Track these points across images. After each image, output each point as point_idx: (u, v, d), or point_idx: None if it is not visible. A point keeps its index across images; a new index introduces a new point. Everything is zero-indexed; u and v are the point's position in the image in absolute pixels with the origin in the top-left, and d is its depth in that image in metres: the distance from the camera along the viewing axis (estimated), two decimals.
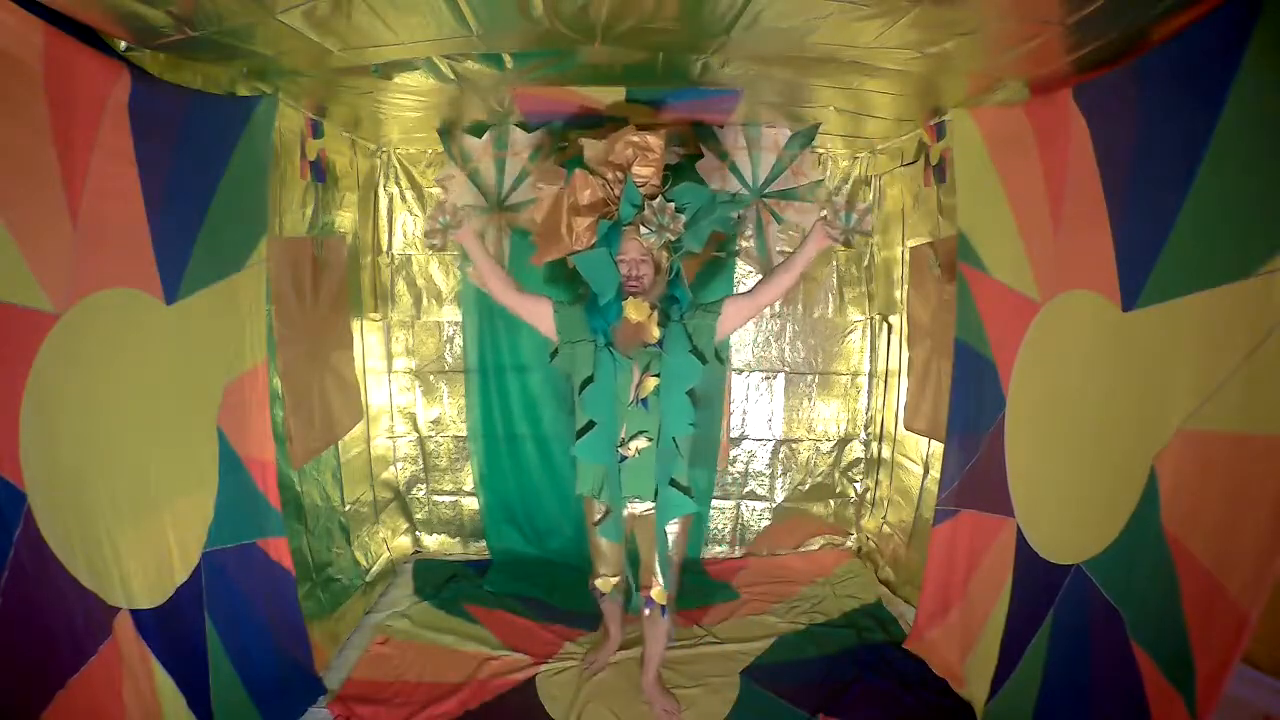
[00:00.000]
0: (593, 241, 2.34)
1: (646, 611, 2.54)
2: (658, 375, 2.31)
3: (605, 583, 2.65)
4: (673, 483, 2.40)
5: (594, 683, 2.75)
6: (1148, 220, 1.76)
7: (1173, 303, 1.70)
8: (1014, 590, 2.35)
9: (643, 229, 2.27)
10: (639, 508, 2.47)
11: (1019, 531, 2.33)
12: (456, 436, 3.84)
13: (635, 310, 2.28)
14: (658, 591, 2.48)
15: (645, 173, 2.32)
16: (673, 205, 2.28)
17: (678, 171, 3.15)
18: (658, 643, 2.61)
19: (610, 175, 2.36)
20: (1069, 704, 2.03)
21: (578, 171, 2.37)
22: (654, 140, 2.31)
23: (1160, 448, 1.71)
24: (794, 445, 3.92)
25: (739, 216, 2.31)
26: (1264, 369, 1.46)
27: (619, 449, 2.35)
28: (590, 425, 2.34)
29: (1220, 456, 1.56)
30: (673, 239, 2.31)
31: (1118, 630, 1.82)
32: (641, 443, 2.35)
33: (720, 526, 3.95)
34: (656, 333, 2.31)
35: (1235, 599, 1.49)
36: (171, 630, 1.96)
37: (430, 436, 3.86)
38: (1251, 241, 1.48)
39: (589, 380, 2.31)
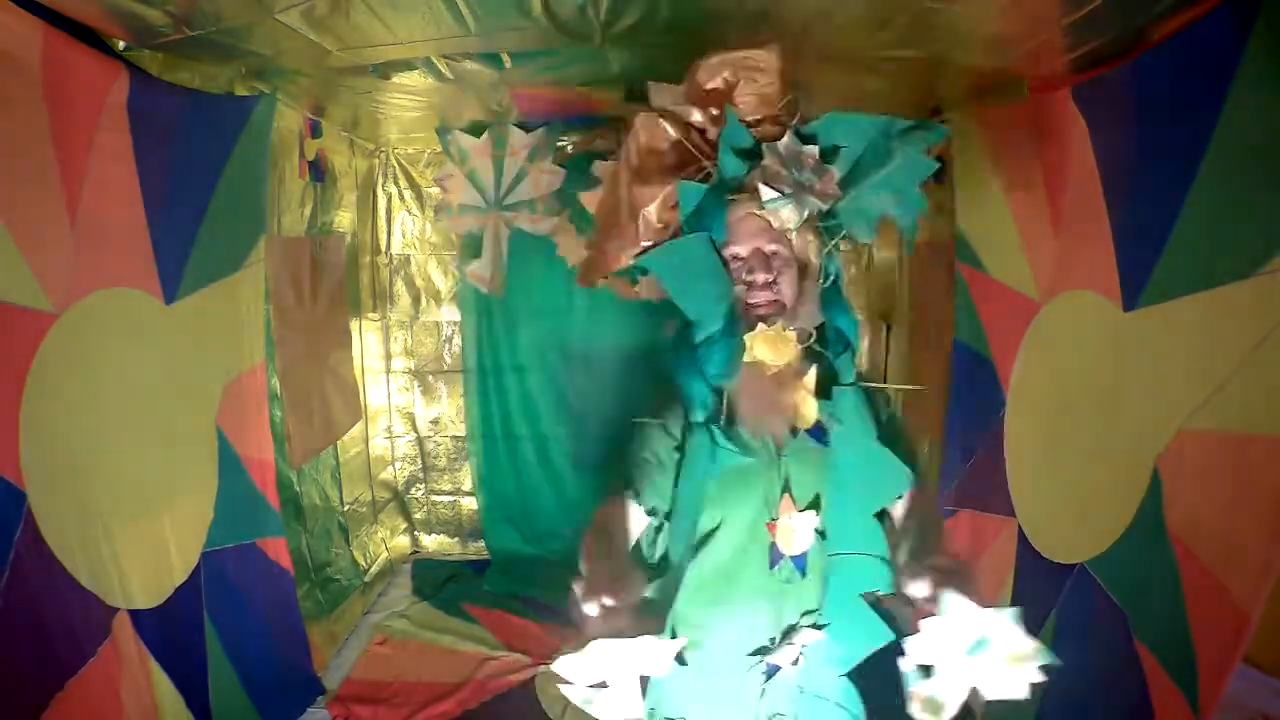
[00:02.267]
0: (673, 226, 1.33)
1: None
2: (816, 502, 1.26)
3: None
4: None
5: None
6: (1148, 220, 1.76)
7: (1173, 302, 1.70)
8: (1015, 590, 2.35)
9: (766, 192, 1.22)
10: None
11: (1020, 531, 2.33)
12: (455, 436, 3.84)
13: (771, 348, 1.20)
14: None
15: (750, 100, 1.33)
16: (814, 150, 1.23)
17: None
18: None
19: (698, 116, 1.37)
20: (1072, 703, 2.03)
21: (641, 114, 1.40)
22: (763, 56, 1.33)
23: (1162, 447, 1.71)
24: None
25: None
26: (1265, 368, 1.46)
27: (760, 656, 1.32)
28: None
29: (1222, 456, 1.56)
30: (822, 207, 1.24)
31: (1122, 630, 1.82)
32: (808, 636, 1.33)
33: None
34: (810, 405, 1.21)
35: (1236, 599, 1.49)
36: (170, 630, 1.96)
37: (429, 436, 3.86)
38: (1252, 241, 1.48)
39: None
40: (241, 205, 2.24)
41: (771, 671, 1.33)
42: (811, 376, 1.20)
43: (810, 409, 1.20)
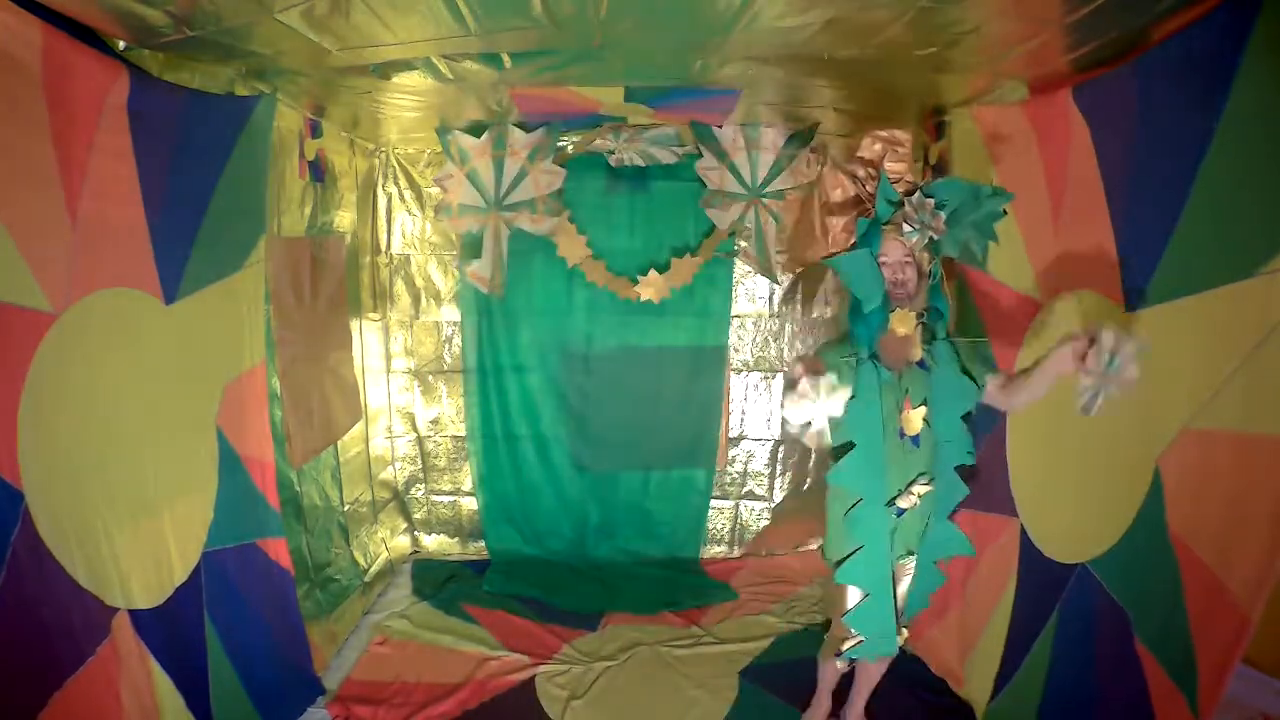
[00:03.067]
0: (851, 242, 2.09)
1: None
2: (924, 404, 2.07)
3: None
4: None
5: (595, 685, 2.75)
6: (1149, 220, 1.76)
7: (1175, 302, 1.70)
8: (1018, 590, 2.35)
9: (904, 227, 2.00)
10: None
11: (1022, 531, 2.33)
12: (455, 436, 3.84)
13: (902, 322, 2.01)
14: (904, 638, 2.23)
15: (898, 168, 2.09)
16: (932, 201, 2.00)
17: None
18: (872, 680, 2.45)
19: (862, 172, 2.12)
20: (1073, 702, 2.03)
21: (825, 168, 2.17)
22: (903, 135, 2.09)
23: (1164, 447, 1.72)
24: (793, 445, 3.93)
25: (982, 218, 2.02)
26: (1266, 368, 1.46)
27: (895, 502, 2.09)
28: (849, 447, 2.06)
29: (1223, 456, 1.56)
30: (935, 237, 2.02)
31: (1123, 629, 1.82)
32: (922, 486, 2.10)
33: (719, 526, 3.95)
34: (920, 351, 2.07)
35: (1236, 599, 1.49)
36: (170, 630, 1.96)
37: (429, 436, 3.86)
38: (1252, 241, 1.49)
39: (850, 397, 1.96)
40: (241, 205, 2.25)
41: (899, 512, 2.10)
42: (919, 333, 2.07)
43: (918, 352, 2.08)
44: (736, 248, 3.62)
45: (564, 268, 3.55)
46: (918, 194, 2.01)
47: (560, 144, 3.43)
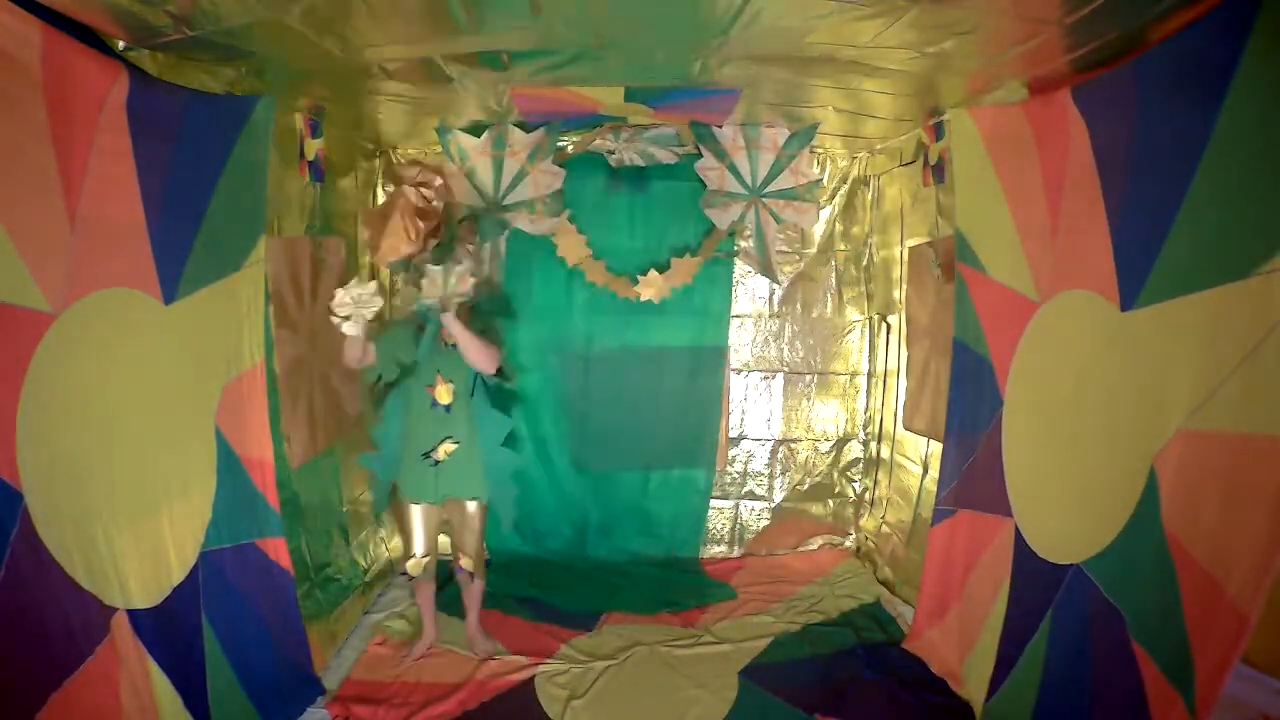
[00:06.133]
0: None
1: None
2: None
3: (416, 564, 2.81)
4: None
5: (595, 685, 2.75)
6: (1146, 220, 1.76)
7: (1172, 302, 1.70)
8: (1012, 590, 2.35)
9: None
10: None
11: (1017, 531, 2.33)
12: None
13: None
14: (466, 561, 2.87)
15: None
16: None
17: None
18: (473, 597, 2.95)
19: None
20: (1069, 704, 2.03)
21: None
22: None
23: (1160, 447, 1.71)
24: (793, 445, 3.92)
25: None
26: (1263, 369, 1.46)
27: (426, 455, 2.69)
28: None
29: (1220, 456, 1.56)
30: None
31: (1118, 630, 1.82)
32: (449, 446, 2.68)
33: (719, 526, 3.95)
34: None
35: (1234, 599, 1.49)
36: (169, 630, 1.96)
37: None
38: (1250, 241, 1.48)
39: None
40: (241, 205, 2.24)
41: (434, 463, 2.68)
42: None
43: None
44: (736, 248, 3.62)
45: (564, 268, 3.55)
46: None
47: (560, 144, 3.43)
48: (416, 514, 2.78)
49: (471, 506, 2.81)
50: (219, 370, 2.23)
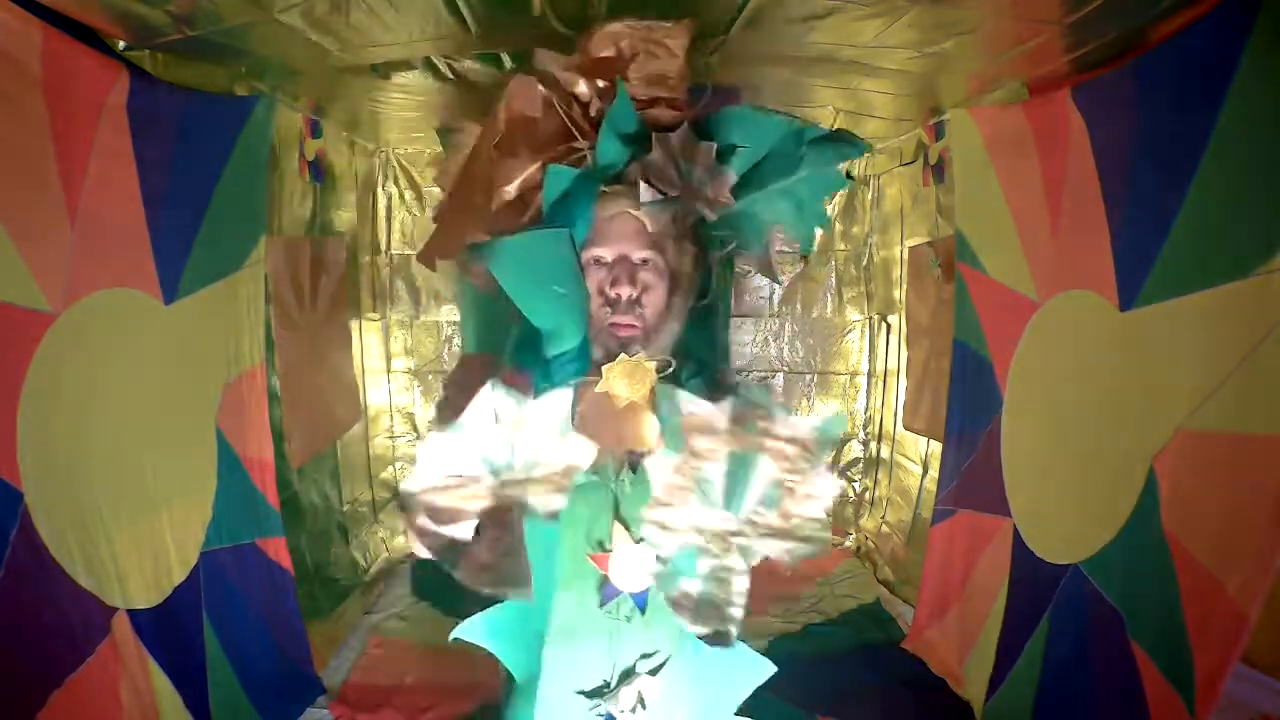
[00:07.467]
0: (534, 210, 1.12)
1: None
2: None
3: None
4: None
5: None
6: (1146, 220, 1.76)
7: (1171, 302, 1.69)
8: (1011, 590, 2.35)
9: (645, 191, 1.07)
10: None
11: (1015, 531, 2.33)
12: None
13: (626, 381, 1.05)
14: None
15: (648, 77, 1.19)
16: (713, 146, 1.10)
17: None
18: None
19: (587, 88, 1.17)
20: (1067, 704, 2.03)
21: (518, 76, 1.19)
22: (673, 29, 1.23)
23: (1159, 447, 1.71)
24: None
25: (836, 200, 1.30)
26: (1263, 368, 1.45)
27: (595, 700, 1.17)
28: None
29: (1219, 456, 1.56)
30: (711, 216, 1.12)
31: (1117, 630, 1.82)
32: (646, 683, 1.20)
33: None
34: (655, 430, 1.07)
35: (1234, 599, 1.48)
36: (169, 631, 1.96)
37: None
38: (1250, 241, 1.48)
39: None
40: (241, 205, 2.24)
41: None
42: (656, 403, 1.05)
43: (654, 434, 1.05)
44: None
45: None
46: (684, 129, 1.09)
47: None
48: None
49: None
50: (219, 370, 2.23)
